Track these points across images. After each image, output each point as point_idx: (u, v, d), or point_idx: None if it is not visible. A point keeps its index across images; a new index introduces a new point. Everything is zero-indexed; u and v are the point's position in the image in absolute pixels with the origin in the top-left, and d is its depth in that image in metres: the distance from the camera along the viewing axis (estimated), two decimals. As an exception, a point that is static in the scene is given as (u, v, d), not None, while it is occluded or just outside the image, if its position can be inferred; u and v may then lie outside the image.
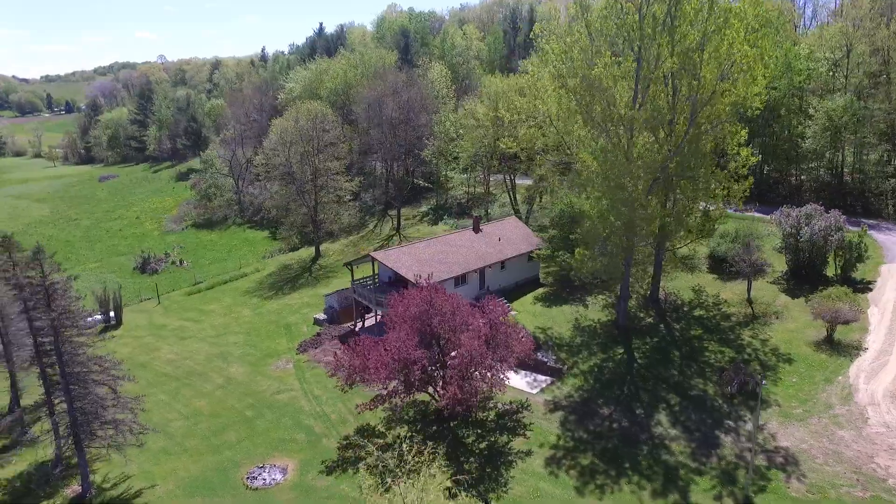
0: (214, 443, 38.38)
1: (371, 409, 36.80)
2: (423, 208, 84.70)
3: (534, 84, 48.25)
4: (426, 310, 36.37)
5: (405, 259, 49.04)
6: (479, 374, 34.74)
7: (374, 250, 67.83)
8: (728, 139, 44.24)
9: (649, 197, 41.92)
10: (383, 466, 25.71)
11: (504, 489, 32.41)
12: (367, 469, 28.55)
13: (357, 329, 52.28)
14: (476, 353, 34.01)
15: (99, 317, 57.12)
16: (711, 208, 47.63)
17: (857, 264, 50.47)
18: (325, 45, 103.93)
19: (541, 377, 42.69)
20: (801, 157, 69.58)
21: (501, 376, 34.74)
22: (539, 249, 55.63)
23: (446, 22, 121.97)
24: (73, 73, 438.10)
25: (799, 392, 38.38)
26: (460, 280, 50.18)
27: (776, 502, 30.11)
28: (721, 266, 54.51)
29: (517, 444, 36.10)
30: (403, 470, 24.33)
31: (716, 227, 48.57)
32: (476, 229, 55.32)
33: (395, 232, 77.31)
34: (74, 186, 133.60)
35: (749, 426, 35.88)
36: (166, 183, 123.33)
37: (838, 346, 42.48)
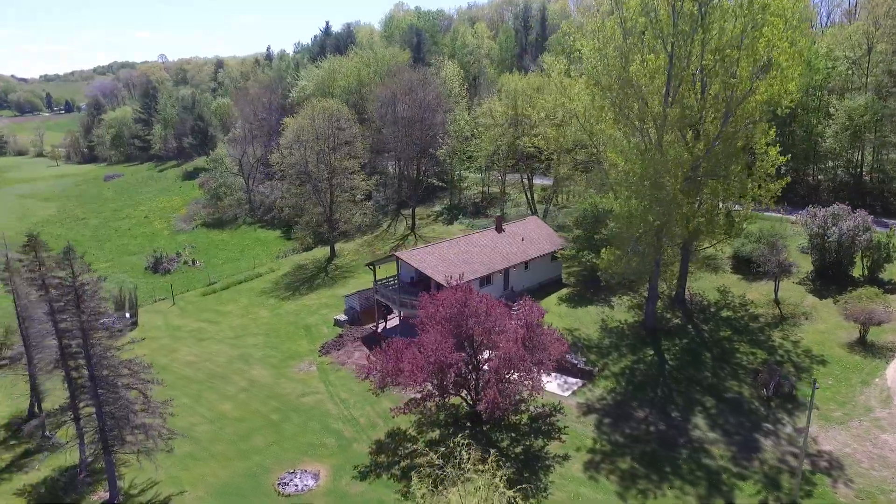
0: (242, 447, 37.66)
1: (405, 413, 36.11)
2: (437, 208, 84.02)
3: (559, 82, 47.53)
4: (460, 311, 35.67)
5: (430, 259, 48.36)
6: (518, 376, 34.06)
7: (392, 250, 67.25)
8: (758, 138, 43.61)
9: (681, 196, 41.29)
10: (437, 474, 24.70)
11: (544, 494, 31.77)
12: (419, 476, 27.79)
13: (379, 330, 51.60)
14: (515, 355, 33.36)
15: (128, 316, 56.26)
16: (737, 208, 47.05)
17: (885, 265, 49.96)
18: (335, 43, 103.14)
19: (571, 380, 42.01)
20: (819, 156, 69.02)
21: (541, 379, 34.04)
22: (562, 249, 55.00)
23: (455, 21, 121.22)
24: (73, 73, 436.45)
25: (836, 395, 37.79)
26: (485, 281, 49.51)
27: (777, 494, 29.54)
28: (745, 266, 53.92)
29: (553, 447, 35.46)
30: (460, 477, 23.45)
31: (744, 227, 47.92)
32: (499, 229, 54.67)
33: (409, 232, 76.60)
34: (80, 186, 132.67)
35: (789, 429, 35.31)
36: (173, 182, 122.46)
37: (872, 347, 41.93)
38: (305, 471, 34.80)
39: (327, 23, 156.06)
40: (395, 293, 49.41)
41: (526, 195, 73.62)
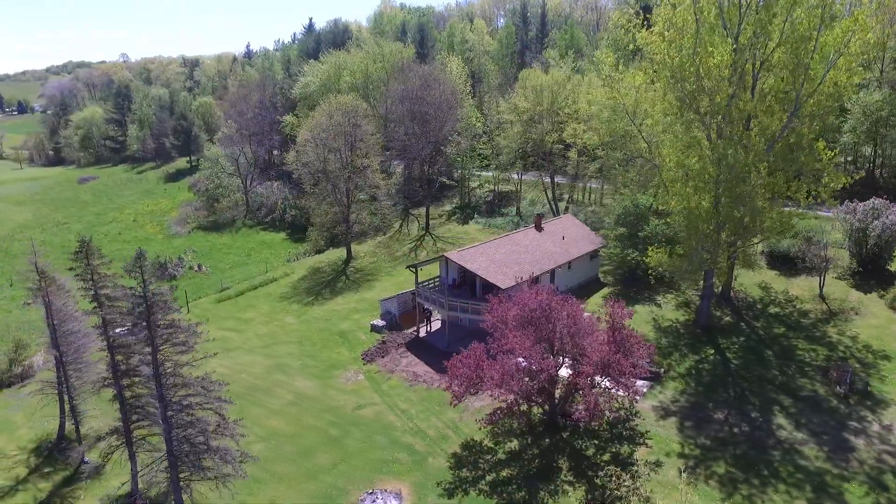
0: (306, 467, 35.28)
1: (492, 423, 34.34)
2: (447, 207, 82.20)
3: (609, 76, 46.28)
4: (543, 314, 34.09)
5: (480, 260, 46.61)
6: (610, 382, 32.66)
7: (411, 251, 65.27)
8: (805, 133, 43.13)
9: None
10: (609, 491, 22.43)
11: (649, 505, 30.41)
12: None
13: (422, 335, 49.63)
14: (612, 359, 31.94)
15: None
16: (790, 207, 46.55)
17: (916, 256, 50.36)
18: (331, 38, 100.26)
19: (639, 382, 40.75)
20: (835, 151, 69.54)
21: (637, 383, 32.69)
22: (604, 247, 54.00)
23: (450, 18, 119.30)
24: (24, 73, 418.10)
25: (910, 391, 37.49)
26: (533, 281, 47.94)
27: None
28: (781, 262, 53.78)
29: (641, 454, 34.19)
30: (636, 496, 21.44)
31: (794, 224, 47.44)
32: (539, 228, 53.22)
33: (424, 232, 74.61)
34: (53, 189, 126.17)
35: (876, 427, 34.80)
36: (155, 184, 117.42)
37: (932, 341, 41.92)
38: (385, 490, 32.70)
39: (311, 20, 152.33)
40: (441, 296, 47.45)
41: (546, 194, 72.42)
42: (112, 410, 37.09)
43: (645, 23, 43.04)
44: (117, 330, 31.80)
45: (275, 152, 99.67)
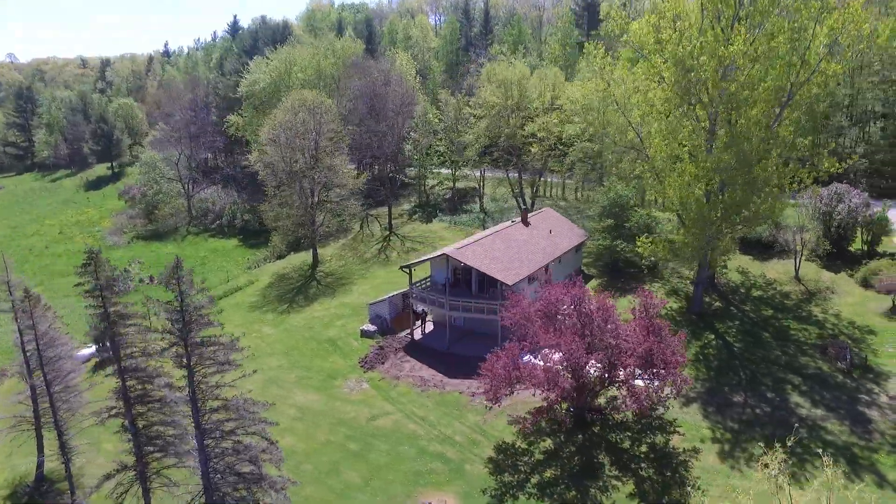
0: (335, 486, 32.99)
1: (533, 425, 33.33)
2: (406, 206, 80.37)
3: (600, 68, 46.37)
4: (575, 308, 33.50)
5: (480, 257, 45.47)
6: (655, 373, 32.46)
7: (380, 252, 63.27)
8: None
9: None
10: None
11: (702, 493, 30.42)
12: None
13: (417, 337, 47.96)
14: (655, 349, 31.73)
15: (88, 351, 47.90)
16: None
17: (882, 238, 53.84)
18: (270, 35, 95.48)
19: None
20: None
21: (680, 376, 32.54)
22: (590, 239, 54.27)
23: (387, 15, 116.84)
24: None
25: (901, 363, 39.70)
26: (532, 276, 47.38)
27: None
28: (753, 247, 56.02)
29: (676, 442, 34.30)
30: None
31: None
32: (525, 222, 52.70)
33: (388, 232, 72.54)
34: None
35: (884, 398, 36.56)
36: (74, 193, 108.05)
37: (908, 314, 44.68)
38: (431, 503, 30.99)
39: (235, 17, 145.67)
40: (440, 296, 45.94)
41: (512, 189, 72.21)
42: (112, 445, 33.39)
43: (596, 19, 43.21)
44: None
45: (219, 155, 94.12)
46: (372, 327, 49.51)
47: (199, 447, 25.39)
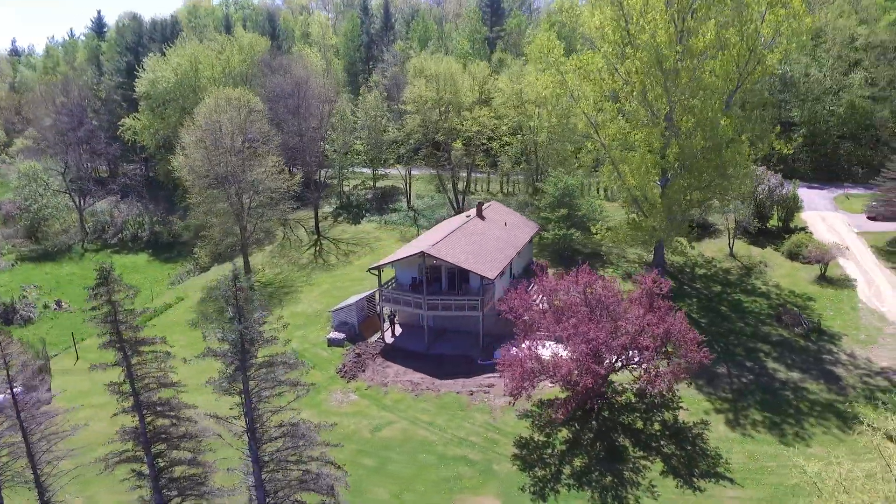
0: (361, 505, 30.67)
1: (564, 416, 32.98)
2: (327, 209, 76.97)
3: (555, 61, 47.08)
4: (583, 296, 33.88)
5: (456, 253, 44.41)
6: (672, 351, 33.39)
7: (316, 258, 60.20)
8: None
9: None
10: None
11: (725, 463, 31.81)
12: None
13: (389, 341, 46.04)
14: (673, 329, 32.65)
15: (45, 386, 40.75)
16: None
17: (795, 214, 59.73)
18: (160, 32, 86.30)
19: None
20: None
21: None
22: (544, 230, 55.08)
23: (278, 12, 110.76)
24: None
25: (846, 322, 44.23)
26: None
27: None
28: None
29: (683, 417, 35.68)
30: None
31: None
32: (481, 216, 52.31)
33: (317, 236, 69.17)
34: None
35: (844, 357, 40.42)
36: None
37: (833, 281, 49.83)
38: (475, 508, 29.75)
39: (99, 13, 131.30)
40: (416, 296, 44.35)
41: (443, 185, 71.63)
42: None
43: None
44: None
45: (116, 162, 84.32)
46: (339, 335, 46.80)
47: (256, 483, 22.37)
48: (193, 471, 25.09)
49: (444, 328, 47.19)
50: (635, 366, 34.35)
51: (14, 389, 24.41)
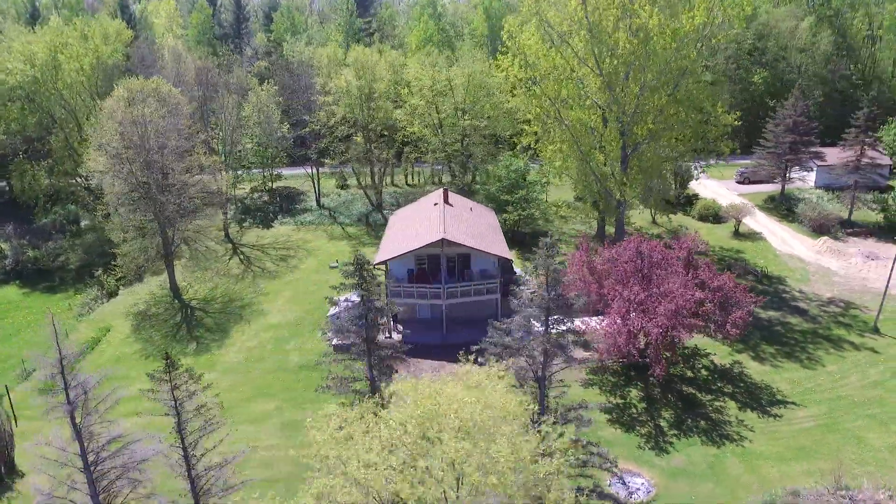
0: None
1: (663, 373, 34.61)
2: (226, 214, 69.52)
3: (519, 44, 48.59)
4: (635, 261, 36.49)
5: (468, 238, 43.86)
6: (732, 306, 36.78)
7: (246, 268, 54.73)
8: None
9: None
10: None
11: (778, 391, 36.39)
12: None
13: (397, 338, 43.88)
14: (726, 286, 36.19)
15: None
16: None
17: (688, 183, 68.66)
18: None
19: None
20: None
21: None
22: (505, 212, 56.37)
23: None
24: None
25: (779, 267, 52.63)
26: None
27: (858, 326, 43.04)
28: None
29: (718, 360, 39.76)
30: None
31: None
32: (447, 202, 51.67)
33: (232, 245, 62.37)
34: None
35: (797, 292, 48.13)
36: None
37: (745, 235, 58.79)
38: (618, 471, 30.30)
39: None
40: (438, 287, 43.00)
41: (359, 180, 69.09)
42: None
43: None
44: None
45: None
46: (346, 340, 43.26)
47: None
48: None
49: (456, 317, 46.02)
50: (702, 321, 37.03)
51: None
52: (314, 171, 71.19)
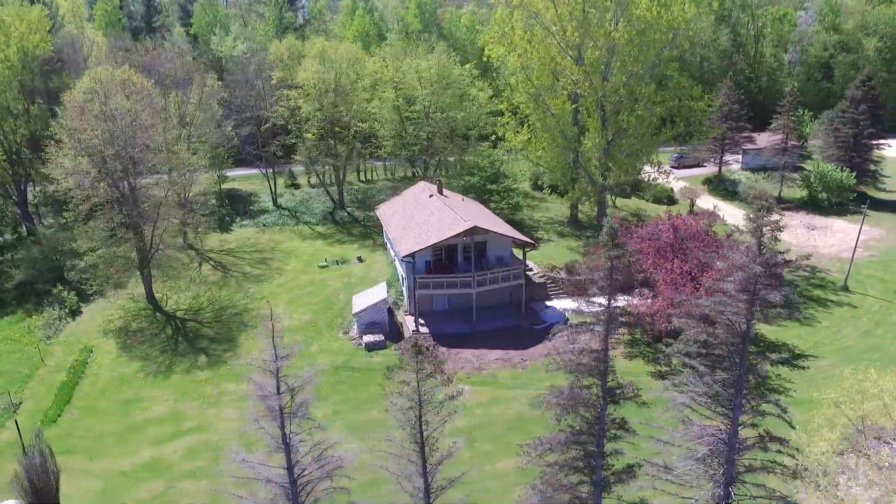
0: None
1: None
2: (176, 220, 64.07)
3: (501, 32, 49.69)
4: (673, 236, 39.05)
5: (489, 226, 44.27)
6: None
7: (217, 270, 51.56)
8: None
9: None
10: None
11: (794, 346, 40.48)
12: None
13: (423, 330, 43.50)
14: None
15: None
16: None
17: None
18: None
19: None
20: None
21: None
22: (492, 202, 57.09)
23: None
24: None
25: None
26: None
27: (829, 287, 48.91)
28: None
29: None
30: None
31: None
32: (441, 193, 51.64)
33: (195, 251, 57.86)
34: None
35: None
36: None
37: (699, 215, 63.73)
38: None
39: None
40: (469, 276, 42.96)
41: (321, 179, 66.62)
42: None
43: None
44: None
45: None
46: (376, 337, 42.08)
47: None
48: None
49: (464, 307, 46.06)
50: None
51: None
52: (268, 170, 67.50)
